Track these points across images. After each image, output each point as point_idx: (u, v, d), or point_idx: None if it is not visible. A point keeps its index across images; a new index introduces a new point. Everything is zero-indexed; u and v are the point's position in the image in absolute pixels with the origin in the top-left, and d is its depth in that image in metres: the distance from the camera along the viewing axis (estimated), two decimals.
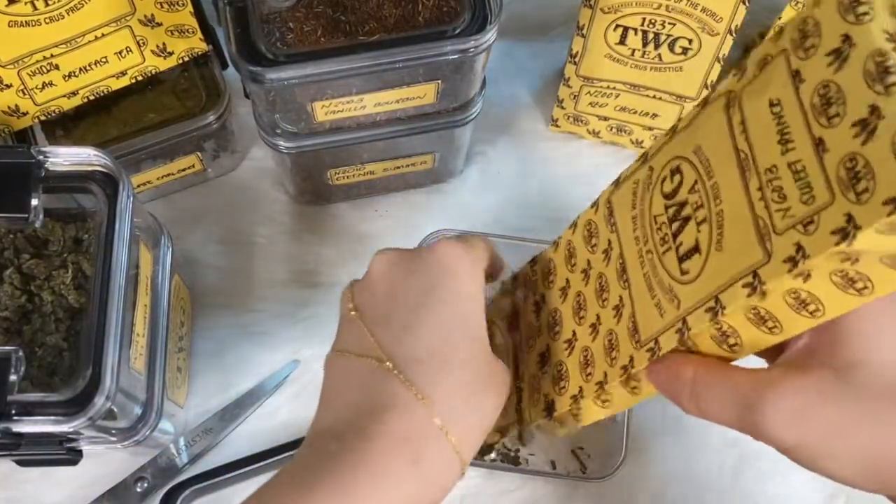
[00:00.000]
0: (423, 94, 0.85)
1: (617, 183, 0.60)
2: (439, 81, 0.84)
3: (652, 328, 0.53)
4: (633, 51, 0.91)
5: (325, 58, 0.77)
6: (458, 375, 0.55)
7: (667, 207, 0.52)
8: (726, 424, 0.50)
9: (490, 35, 0.78)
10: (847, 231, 0.37)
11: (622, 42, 0.90)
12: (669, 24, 0.86)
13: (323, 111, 0.84)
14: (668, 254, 0.51)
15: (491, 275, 0.68)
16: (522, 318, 0.68)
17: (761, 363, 0.53)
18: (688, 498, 0.93)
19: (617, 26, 0.88)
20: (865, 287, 0.41)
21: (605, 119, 1.03)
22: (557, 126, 1.08)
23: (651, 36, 0.89)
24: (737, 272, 0.44)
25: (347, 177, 0.99)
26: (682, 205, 0.50)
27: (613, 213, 0.59)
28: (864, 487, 0.48)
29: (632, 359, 0.54)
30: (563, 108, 1.04)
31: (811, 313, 0.44)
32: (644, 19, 0.87)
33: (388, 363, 0.55)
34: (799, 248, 0.40)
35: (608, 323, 0.57)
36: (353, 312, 0.59)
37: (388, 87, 0.83)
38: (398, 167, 0.99)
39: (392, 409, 0.54)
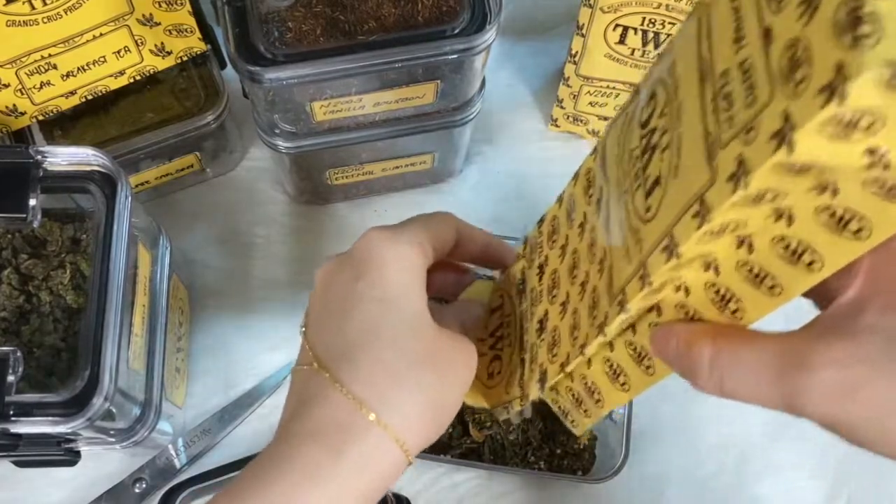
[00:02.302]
0: (423, 94, 0.85)
1: (612, 122, 0.54)
2: (438, 81, 0.84)
3: (621, 278, 0.47)
4: (633, 50, 0.91)
5: (323, 57, 0.77)
6: (385, 361, 0.55)
7: (641, 138, 0.47)
8: (756, 403, 0.44)
9: (489, 35, 0.78)
10: (784, 133, 0.32)
11: (622, 41, 0.90)
12: (669, 23, 0.86)
13: (322, 111, 0.84)
14: (638, 191, 0.46)
15: (480, 256, 0.67)
16: (528, 283, 0.66)
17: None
18: (688, 499, 0.93)
19: (617, 26, 0.88)
20: (861, 228, 0.35)
21: (605, 119, 1.03)
22: (557, 126, 1.08)
23: (651, 35, 0.89)
24: (686, 199, 0.39)
25: (346, 177, 0.99)
26: (653, 132, 0.45)
27: (605, 157, 0.54)
28: None
29: (606, 315, 0.49)
30: (562, 107, 1.04)
31: (808, 266, 0.38)
32: (644, 19, 0.87)
33: (315, 364, 0.55)
34: (740, 162, 0.35)
35: (593, 279, 0.53)
36: (301, 329, 0.60)
37: (387, 87, 0.83)
38: (397, 167, 1.00)
39: (314, 407, 0.54)
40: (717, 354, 0.44)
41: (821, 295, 0.43)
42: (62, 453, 0.73)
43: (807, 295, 0.44)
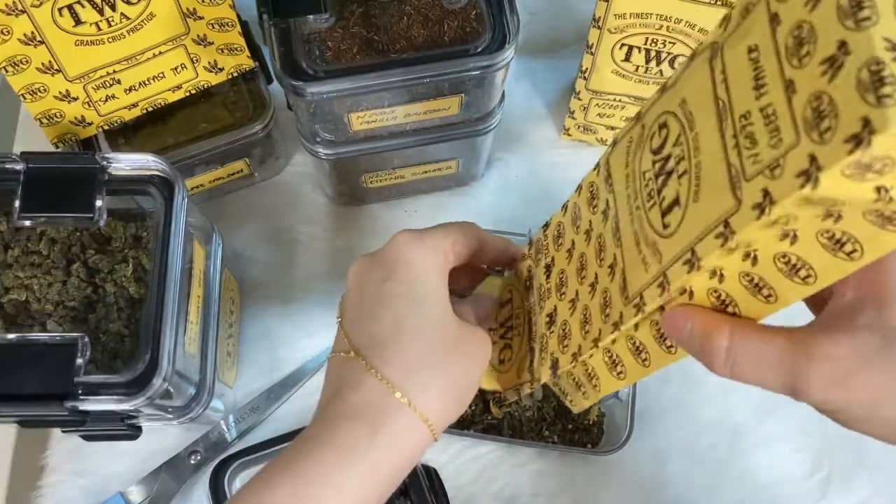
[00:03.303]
0: (448, 106, 0.85)
1: (614, 144, 0.56)
2: (463, 95, 0.83)
3: (638, 283, 0.49)
4: (637, 67, 0.90)
5: (360, 73, 0.77)
6: (414, 350, 0.55)
7: (654, 163, 0.48)
8: (764, 387, 0.46)
9: (508, 53, 0.78)
10: (810, 173, 0.33)
11: (627, 59, 0.90)
12: (670, 42, 0.86)
13: (358, 121, 0.84)
14: (653, 209, 0.47)
15: (490, 259, 0.68)
16: (535, 280, 0.66)
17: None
18: (686, 470, 0.93)
19: (622, 45, 0.88)
20: (855, 250, 0.37)
21: (612, 128, 1.02)
22: (569, 135, 1.07)
23: (653, 54, 0.88)
24: (710, 222, 0.41)
25: (380, 180, 0.99)
26: (667, 159, 0.46)
27: (611, 174, 0.55)
28: None
29: (621, 315, 0.51)
30: (573, 118, 1.03)
31: (803, 280, 0.40)
32: (647, 38, 0.86)
33: (351, 352, 0.56)
34: (766, 193, 0.36)
35: (604, 282, 0.54)
36: (337, 319, 0.61)
37: (416, 100, 0.83)
38: (426, 171, 0.99)
39: (352, 390, 0.55)
40: (732, 344, 0.45)
41: (812, 298, 0.45)
42: (125, 428, 0.73)
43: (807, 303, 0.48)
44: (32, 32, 0.75)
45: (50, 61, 0.78)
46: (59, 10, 0.75)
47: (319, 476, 0.52)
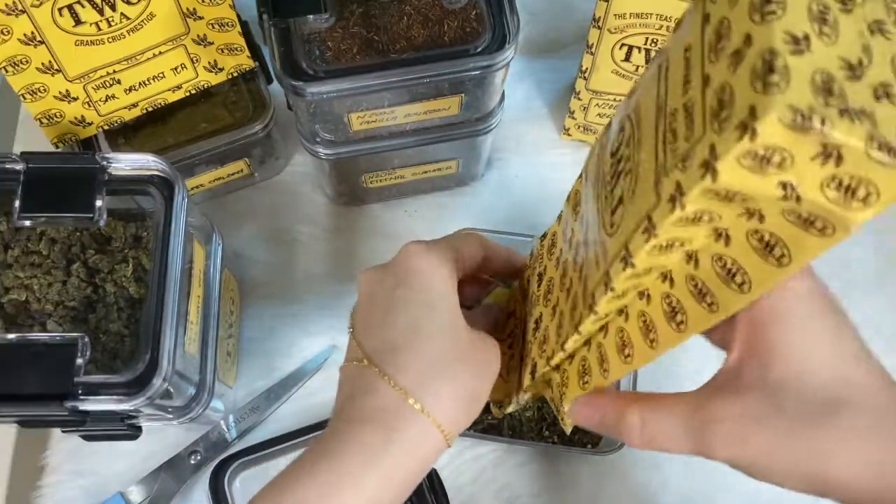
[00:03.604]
0: (448, 106, 0.85)
1: (591, 150, 0.56)
2: (463, 95, 0.83)
3: (592, 284, 0.49)
4: (638, 67, 0.90)
5: (360, 73, 0.77)
6: (427, 357, 0.55)
7: (611, 165, 0.48)
8: (676, 452, 0.50)
9: (508, 53, 0.78)
10: (709, 163, 0.34)
11: (627, 59, 0.90)
12: None
13: (358, 121, 0.84)
14: (606, 210, 0.48)
15: (497, 268, 0.68)
16: (530, 289, 0.67)
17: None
18: (686, 470, 0.93)
19: (622, 45, 0.88)
20: (784, 255, 0.37)
21: None
22: (569, 135, 1.07)
23: (653, 54, 0.88)
24: (639, 218, 0.41)
25: (380, 180, 0.99)
26: (620, 160, 0.47)
27: (587, 179, 0.55)
28: (807, 493, 0.46)
29: (581, 316, 0.51)
30: (574, 118, 1.03)
31: (739, 286, 0.40)
32: (647, 38, 0.86)
33: (365, 360, 0.56)
34: (678, 185, 0.37)
35: (575, 286, 0.54)
36: (349, 329, 0.61)
37: (416, 100, 0.83)
38: (426, 172, 0.99)
39: (366, 396, 0.55)
40: (644, 421, 0.50)
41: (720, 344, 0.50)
42: (125, 428, 0.73)
43: (713, 342, 0.51)
44: (32, 32, 0.75)
45: (50, 61, 0.78)
46: (59, 10, 0.75)
47: (340, 479, 0.52)
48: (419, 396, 0.54)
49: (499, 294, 0.73)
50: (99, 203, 0.70)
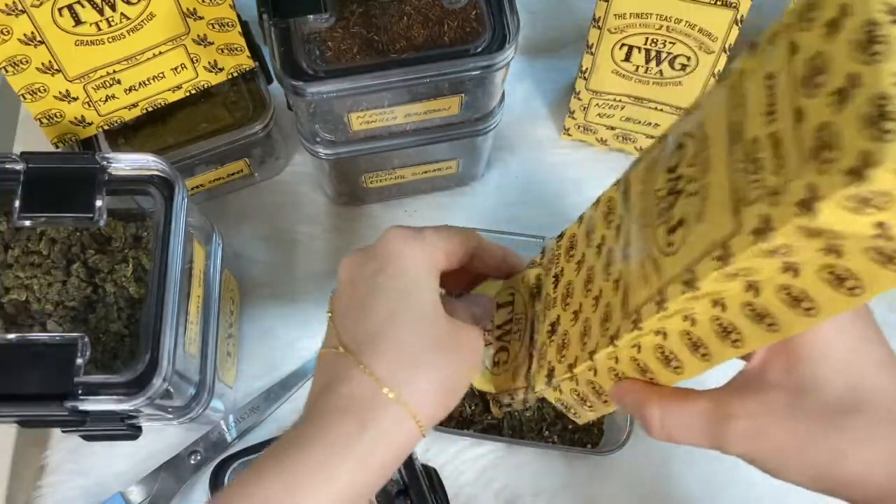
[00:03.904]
0: (449, 106, 0.85)
1: (637, 161, 0.56)
2: (463, 95, 0.83)
3: (637, 299, 0.49)
4: (637, 67, 0.90)
5: (360, 73, 0.77)
6: (404, 346, 0.55)
7: (668, 181, 0.48)
8: (694, 445, 0.51)
9: (508, 53, 0.78)
10: (809, 203, 0.33)
11: (627, 59, 0.90)
12: (670, 43, 0.86)
13: (358, 121, 0.84)
14: (661, 227, 0.48)
15: (488, 265, 0.68)
16: (543, 289, 0.66)
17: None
18: (686, 470, 0.92)
19: (622, 45, 0.88)
20: (857, 287, 0.38)
21: (612, 128, 1.02)
22: (569, 135, 1.07)
23: (653, 54, 0.88)
24: (711, 243, 0.41)
25: (380, 180, 0.99)
26: (679, 178, 0.47)
27: (629, 190, 0.55)
28: (818, 491, 0.48)
29: (618, 329, 0.51)
30: (574, 118, 1.03)
31: (806, 311, 0.41)
32: (647, 38, 0.86)
33: (340, 348, 0.56)
34: (766, 220, 0.36)
35: (608, 296, 0.54)
36: (328, 314, 0.61)
37: (416, 100, 0.83)
38: (426, 172, 0.99)
39: (341, 385, 0.55)
40: (664, 414, 0.52)
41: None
42: (125, 428, 0.73)
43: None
44: (32, 32, 0.75)
45: (50, 61, 0.78)
46: (59, 10, 0.75)
47: (310, 469, 0.52)
48: (394, 385, 0.54)
49: (489, 285, 0.72)
50: (99, 203, 0.70)
